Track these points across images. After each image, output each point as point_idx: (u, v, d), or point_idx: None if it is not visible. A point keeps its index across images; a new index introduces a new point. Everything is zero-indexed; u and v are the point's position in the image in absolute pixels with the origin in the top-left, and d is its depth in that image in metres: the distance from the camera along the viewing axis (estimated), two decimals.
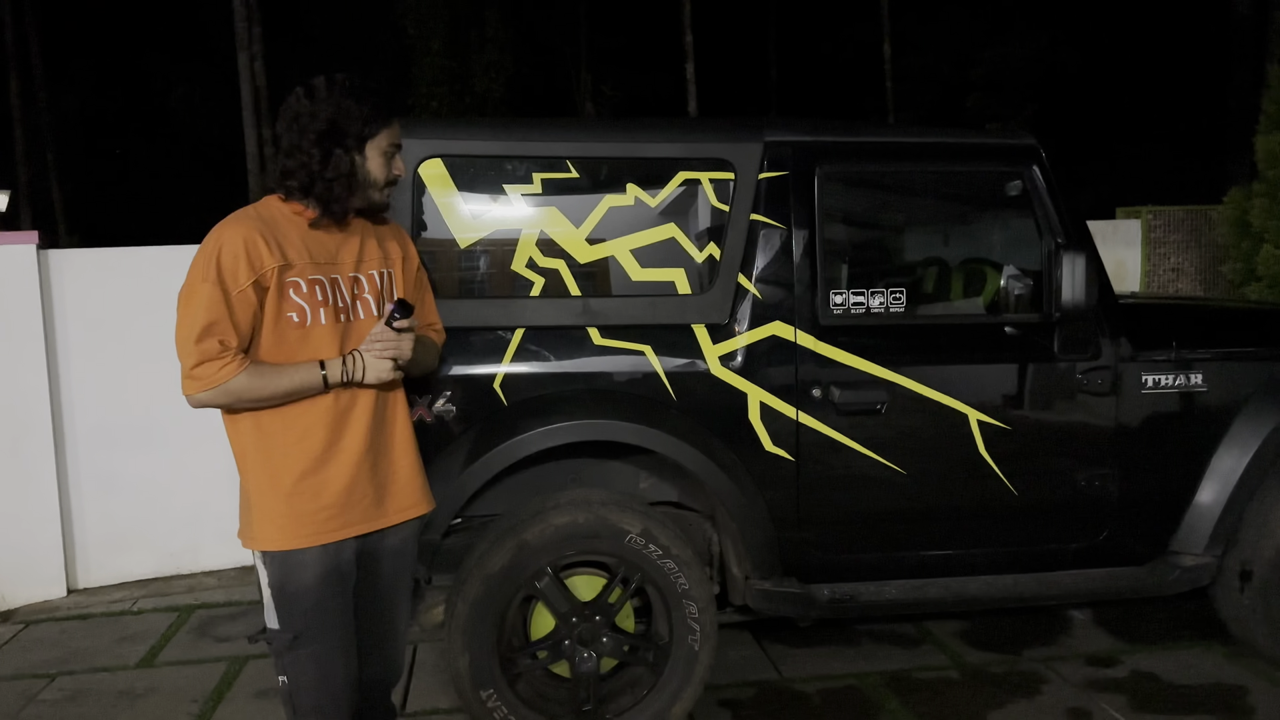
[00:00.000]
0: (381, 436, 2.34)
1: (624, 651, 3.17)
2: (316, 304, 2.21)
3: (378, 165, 2.27)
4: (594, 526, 3.03)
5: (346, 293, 2.27)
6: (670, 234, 3.23)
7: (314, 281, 2.21)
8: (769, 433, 3.18)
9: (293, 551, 2.21)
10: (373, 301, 2.32)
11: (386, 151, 2.28)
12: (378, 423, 2.32)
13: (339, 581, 2.27)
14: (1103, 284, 3.34)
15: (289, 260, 2.17)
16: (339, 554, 2.26)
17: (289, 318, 2.18)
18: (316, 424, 2.23)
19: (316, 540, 2.22)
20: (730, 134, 3.26)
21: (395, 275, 2.40)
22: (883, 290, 3.29)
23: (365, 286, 2.31)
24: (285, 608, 2.25)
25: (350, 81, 2.25)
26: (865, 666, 3.79)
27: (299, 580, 2.23)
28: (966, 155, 3.42)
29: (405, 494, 2.40)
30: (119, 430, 5.11)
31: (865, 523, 3.31)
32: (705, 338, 3.17)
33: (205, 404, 2.12)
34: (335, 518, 2.24)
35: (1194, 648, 3.89)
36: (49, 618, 4.71)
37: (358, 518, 2.28)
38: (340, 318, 2.26)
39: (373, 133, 2.24)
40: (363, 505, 2.29)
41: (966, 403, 3.26)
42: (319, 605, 2.24)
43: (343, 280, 2.27)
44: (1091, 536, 3.44)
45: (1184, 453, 3.46)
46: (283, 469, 2.22)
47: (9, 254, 4.87)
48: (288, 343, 2.19)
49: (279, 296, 2.16)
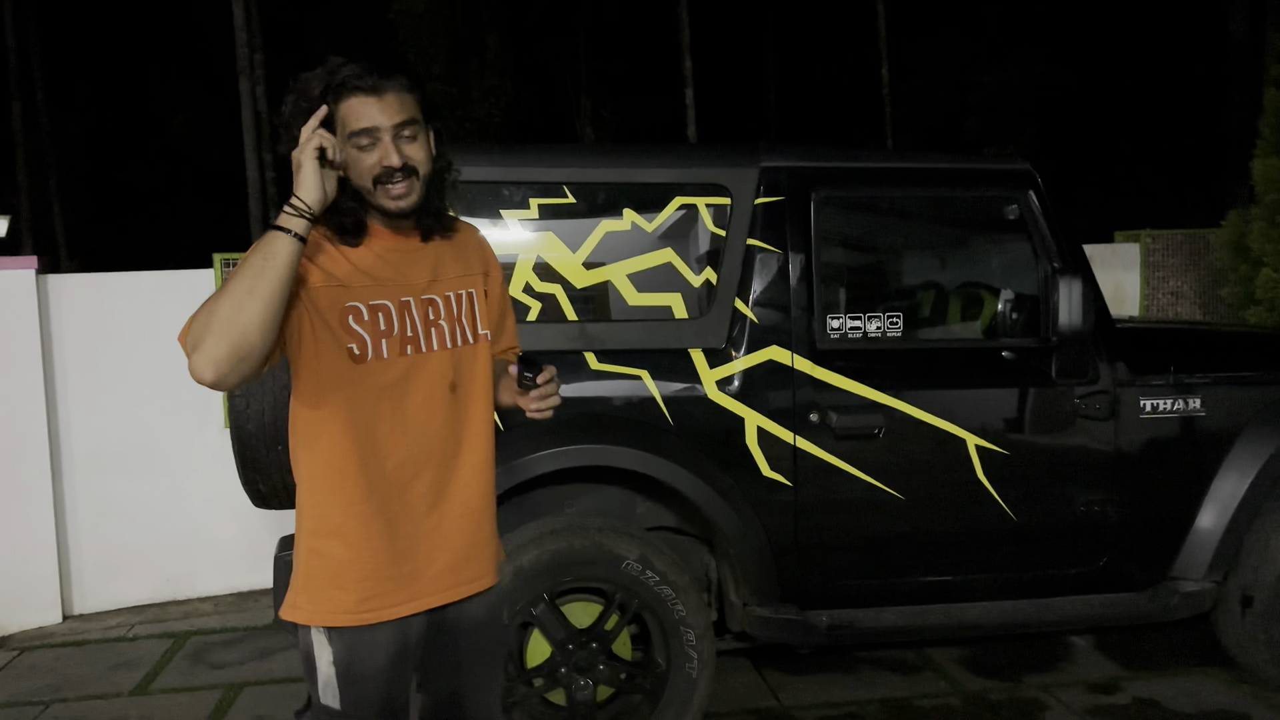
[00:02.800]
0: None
1: (621, 679, 3.15)
2: (379, 334, 1.82)
3: (353, 159, 1.78)
4: (590, 552, 3.02)
5: (418, 318, 1.87)
6: (667, 259, 3.23)
7: (377, 308, 1.82)
8: (766, 457, 3.17)
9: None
10: (447, 329, 1.90)
11: (353, 136, 1.76)
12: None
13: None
14: (1100, 308, 3.34)
15: (343, 282, 1.80)
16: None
17: (348, 349, 1.80)
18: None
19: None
20: (726, 159, 3.27)
21: (476, 296, 1.97)
22: (880, 314, 3.28)
23: (441, 310, 1.90)
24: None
25: (297, 75, 1.82)
26: (865, 694, 3.76)
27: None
28: (963, 180, 3.43)
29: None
30: (116, 455, 5.10)
31: (864, 548, 3.29)
32: (702, 362, 3.17)
33: (204, 365, 1.62)
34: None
35: (1195, 674, 3.86)
36: (44, 644, 4.68)
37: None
38: (407, 349, 1.85)
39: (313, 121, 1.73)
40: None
41: (964, 427, 3.25)
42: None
43: (415, 303, 1.87)
44: (1091, 562, 3.42)
45: (1183, 478, 3.45)
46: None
47: (8, 279, 4.88)
48: (338, 376, 1.80)
49: (333, 323, 1.79)
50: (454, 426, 1.91)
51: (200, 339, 1.63)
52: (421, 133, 1.84)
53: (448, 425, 1.90)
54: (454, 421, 1.91)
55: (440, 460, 1.89)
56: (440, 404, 1.89)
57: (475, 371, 1.95)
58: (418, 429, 1.86)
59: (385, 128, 1.77)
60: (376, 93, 1.77)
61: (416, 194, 1.83)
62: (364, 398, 1.82)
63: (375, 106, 1.76)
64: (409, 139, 1.81)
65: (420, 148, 1.83)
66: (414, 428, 1.86)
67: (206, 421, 5.20)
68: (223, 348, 1.62)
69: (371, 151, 1.77)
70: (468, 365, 1.94)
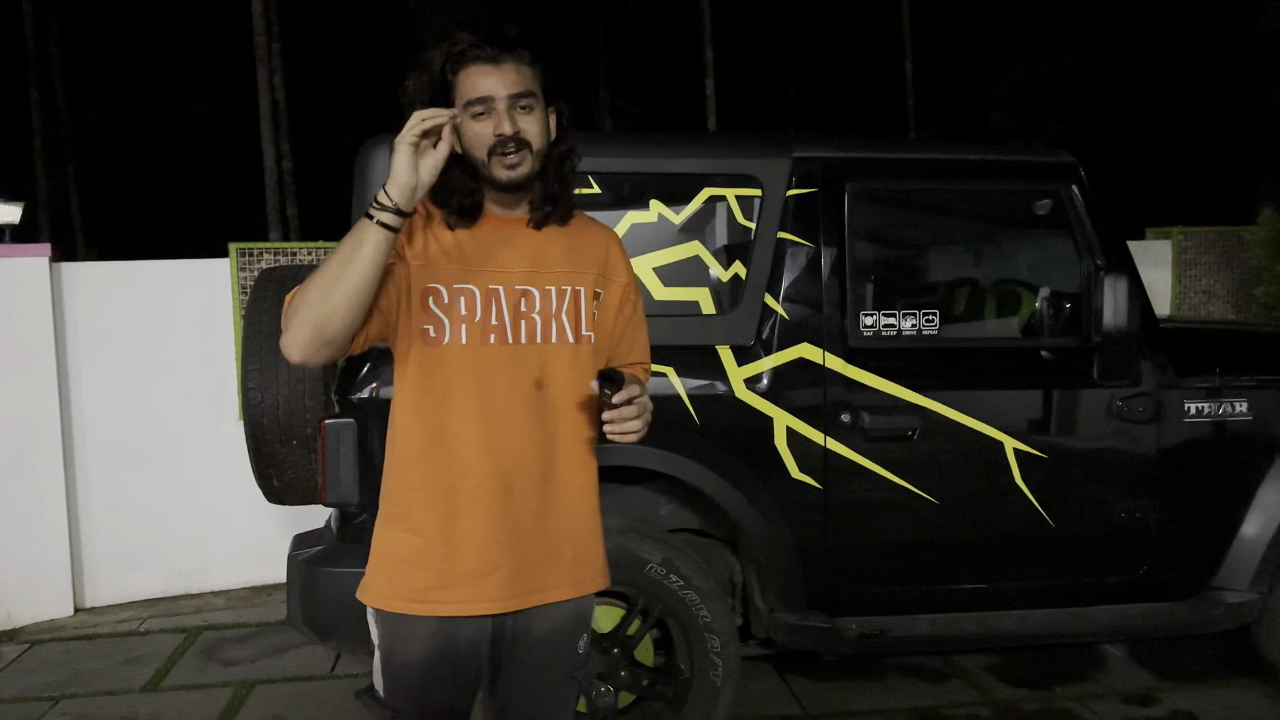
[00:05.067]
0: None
1: (643, 686, 3.05)
2: (459, 319, 1.75)
3: (469, 130, 1.72)
4: (612, 555, 2.86)
5: (507, 308, 1.78)
6: (694, 252, 3.13)
7: (460, 291, 1.75)
8: (795, 459, 3.06)
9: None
10: (540, 323, 1.80)
11: (469, 105, 1.72)
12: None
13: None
14: (1145, 307, 3.21)
15: (430, 261, 1.75)
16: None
17: (424, 331, 1.75)
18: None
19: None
20: (757, 149, 3.16)
21: (584, 296, 1.85)
22: (914, 312, 3.17)
23: (537, 303, 1.80)
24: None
25: (421, 55, 1.79)
26: (892, 703, 3.65)
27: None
28: (1003, 173, 3.31)
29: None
30: (129, 447, 5.04)
31: (895, 553, 3.19)
32: (730, 360, 3.06)
33: (291, 346, 1.64)
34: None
35: (1234, 686, 3.74)
36: (54, 637, 4.62)
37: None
38: (490, 338, 1.76)
39: (444, 91, 1.73)
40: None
41: (1002, 430, 3.13)
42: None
43: (505, 292, 1.78)
44: (1130, 570, 3.30)
45: (1228, 484, 3.33)
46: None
47: (20, 266, 4.80)
48: (417, 358, 1.77)
49: (415, 303, 1.75)
50: (541, 428, 1.79)
51: (289, 320, 1.64)
52: (539, 108, 1.77)
53: (532, 425, 1.79)
54: (541, 423, 1.79)
55: (520, 461, 1.78)
56: (523, 401, 1.78)
57: (572, 375, 1.81)
58: (495, 423, 1.76)
59: (501, 96, 1.71)
60: (494, 62, 1.72)
61: (528, 165, 1.74)
62: (438, 383, 1.76)
63: (493, 76, 1.72)
64: (525, 110, 1.74)
65: (536, 122, 1.75)
66: (490, 421, 1.76)
67: (220, 414, 5.12)
68: (307, 332, 1.63)
69: (486, 121, 1.72)
70: (561, 366, 1.81)
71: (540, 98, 1.77)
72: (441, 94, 1.74)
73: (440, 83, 1.74)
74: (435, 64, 1.75)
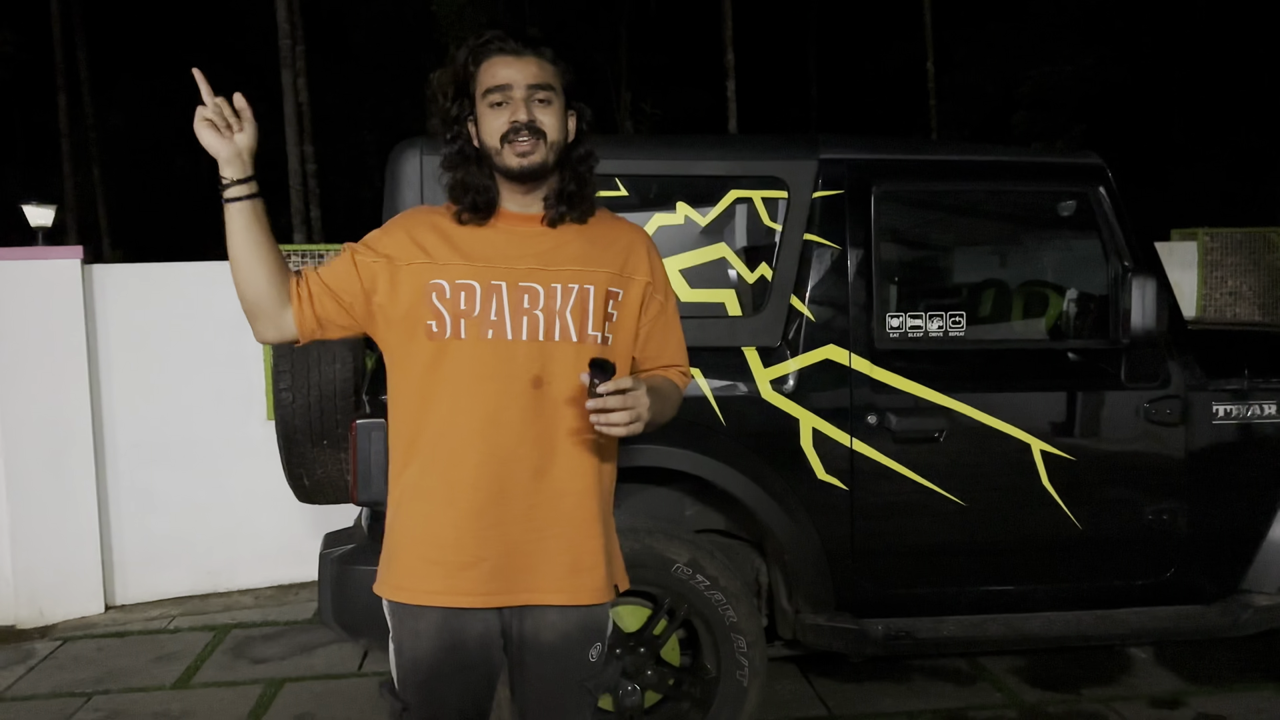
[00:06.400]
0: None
1: (669, 686, 3.07)
2: (459, 313, 1.75)
3: (486, 120, 1.76)
4: (639, 555, 2.93)
5: (507, 304, 1.76)
6: (720, 254, 3.14)
7: (461, 286, 1.75)
8: (822, 460, 3.07)
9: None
10: (543, 320, 1.77)
11: (487, 94, 1.75)
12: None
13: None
14: (1173, 309, 3.20)
15: (434, 258, 1.77)
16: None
17: (427, 326, 1.76)
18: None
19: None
20: (784, 151, 3.17)
21: (594, 295, 1.80)
22: (941, 313, 3.17)
23: (541, 300, 1.77)
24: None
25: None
26: (918, 705, 3.65)
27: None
28: (1029, 174, 3.31)
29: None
30: (159, 446, 5.10)
31: (922, 555, 3.18)
32: (756, 361, 3.07)
33: (262, 335, 1.84)
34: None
35: (1263, 689, 3.71)
36: (86, 634, 4.68)
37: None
38: (487, 333, 1.76)
39: (465, 83, 1.79)
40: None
41: (1030, 432, 3.13)
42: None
43: (508, 288, 1.77)
44: (1158, 573, 3.28)
45: (1257, 486, 3.31)
46: None
47: (53, 269, 4.87)
48: (422, 358, 1.78)
49: (417, 299, 1.77)
50: (538, 426, 1.78)
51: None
52: (558, 104, 1.79)
53: (527, 423, 1.77)
54: (537, 421, 1.78)
55: (513, 458, 1.77)
56: (518, 398, 1.77)
57: (574, 374, 1.76)
58: (488, 419, 1.77)
59: (519, 84, 1.74)
60: (516, 54, 1.76)
61: (541, 155, 1.76)
62: (436, 376, 1.78)
63: (513, 66, 1.75)
64: (543, 104, 1.76)
65: (554, 115, 1.78)
66: (484, 416, 1.77)
67: (250, 413, 5.18)
68: (244, 309, 1.82)
69: (503, 110, 1.74)
70: (563, 365, 1.78)
71: (560, 94, 1.79)
72: (464, 85, 1.79)
73: (463, 75, 1.78)
74: (461, 56, 1.79)
